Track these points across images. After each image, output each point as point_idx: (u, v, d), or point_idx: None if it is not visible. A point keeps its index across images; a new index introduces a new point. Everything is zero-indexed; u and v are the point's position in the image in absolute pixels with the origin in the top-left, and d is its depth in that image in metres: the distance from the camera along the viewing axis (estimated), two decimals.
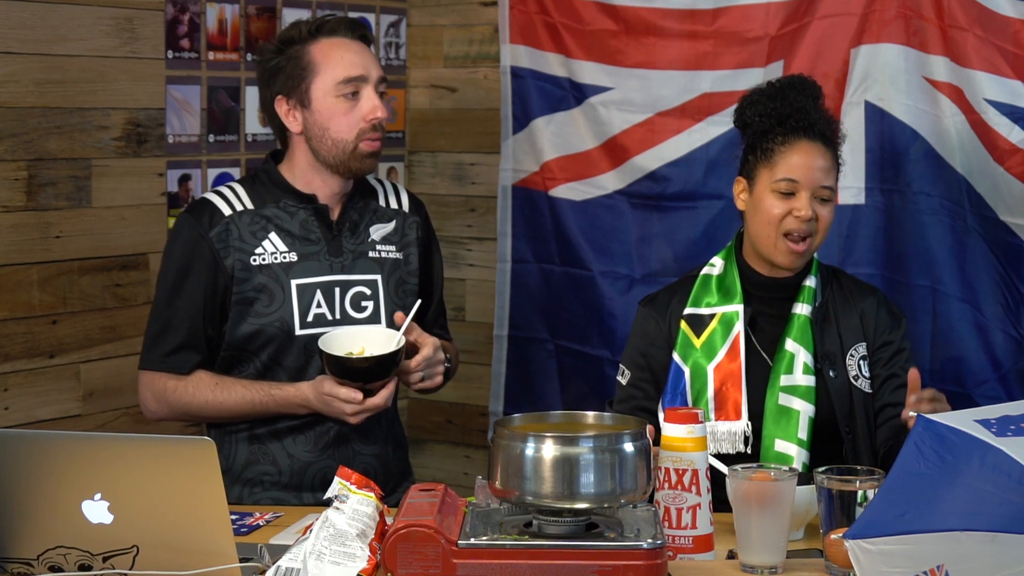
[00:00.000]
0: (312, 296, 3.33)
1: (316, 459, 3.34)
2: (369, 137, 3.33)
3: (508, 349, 4.72)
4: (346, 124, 3.32)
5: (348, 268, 3.38)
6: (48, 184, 3.90)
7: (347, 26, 3.38)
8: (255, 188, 3.40)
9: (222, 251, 3.31)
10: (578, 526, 2.42)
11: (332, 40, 3.34)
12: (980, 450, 2.19)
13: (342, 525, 2.37)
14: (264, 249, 3.33)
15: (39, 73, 3.86)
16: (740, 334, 3.25)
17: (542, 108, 4.58)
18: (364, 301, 3.38)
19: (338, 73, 3.31)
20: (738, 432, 3.20)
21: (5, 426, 3.77)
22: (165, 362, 3.33)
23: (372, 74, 3.33)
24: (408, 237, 3.48)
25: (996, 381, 3.84)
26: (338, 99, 3.31)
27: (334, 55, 3.32)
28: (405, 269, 3.45)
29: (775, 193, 3.20)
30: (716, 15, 4.25)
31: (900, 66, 3.94)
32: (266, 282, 3.31)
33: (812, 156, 3.20)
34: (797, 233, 3.18)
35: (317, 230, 3.37)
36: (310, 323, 3.32)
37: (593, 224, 4.52)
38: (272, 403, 3.28)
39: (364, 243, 3.42)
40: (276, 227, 3.35)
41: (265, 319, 3.31)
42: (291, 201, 3.37)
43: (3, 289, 3.82)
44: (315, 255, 3.36)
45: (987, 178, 3.77)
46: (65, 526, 2.35)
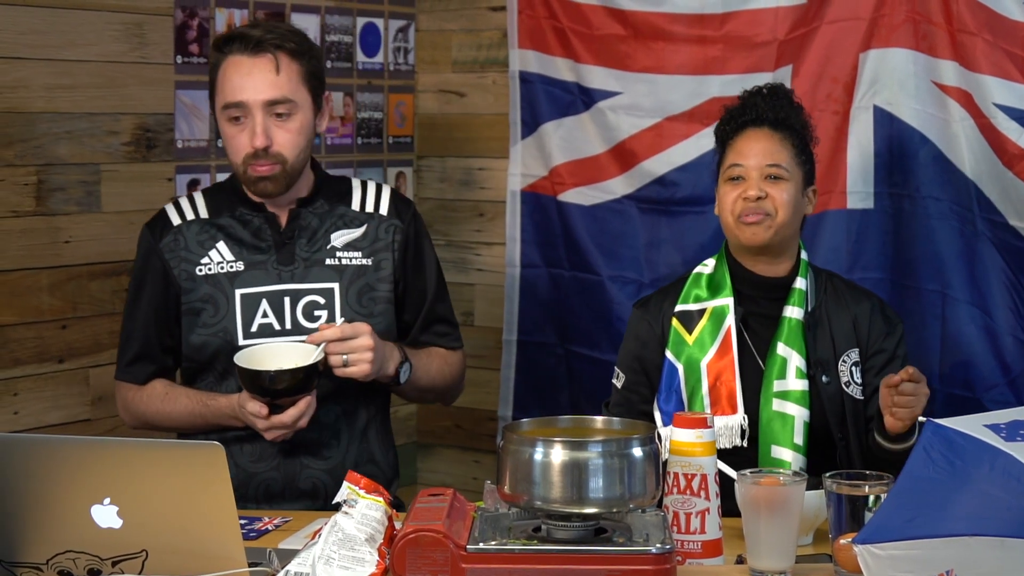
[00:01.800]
0: (257, 306, 3.27)
1: (260, 471, 3.27)
2: (253, 164, 3.23)
3: (517, 354, 4.72)
4: (233, 148, 3.26)
5: (300, 277, 3.29)
6: (58, 189, 3.91)
7: (251, 43, 3.23)
8: (216, 197, 3.38)
9: (171, 261, 3.30)
10: (587, 531, 2.42)
11: (235, 58, 3.24)
12: (989, 455, 2.19)
13: (351, 530, 2.37)
14: (210, 259, 3.29)
15: (48, 78, 3.87)
16: (731, 327, 3.27)
17: (551, 113, 4.58)
18: (317, 311, 3.29)
19: (224, 97, 3.24)
20: (734, 426, 3.22)
21: (15, 431, 3.78)
22: (126, 372, 3.37)
23: (257, 98, 3.20)
24: (381, 242, 3.37)
25: (1005, 385, 3.84)
26: (227, 123, 3.25)
27: (226, 76, 3.24)
28: (374, 276, 3.34)
29: (728, 182, 3.28)
30: (725, 20, 4.25)
31: (909, 70, 3.94)
32: (211, 292, 3.28)
33: (755, 140, 3.28)
34: (748, 213, 3.23)
35: (269, 238, 3.31)
36: (255, 333, 3.26)
37: (602, 229, 4.52)
38: (209, 413, 3.24)
39: (322, 250, 3.33)
40: (227, 236, 3.31)
41: (210, 330, 3.27)
42: (246, 209, 3.33)
43: (13, 294, 3.83)
44: (262, 264, 3.29)
45: (996, 182, 3.77)
46: (74, 531, 2.35)
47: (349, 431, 3.34)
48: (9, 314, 3.82)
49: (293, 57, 3.25)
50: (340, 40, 4.70)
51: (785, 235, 3.26)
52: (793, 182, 3.25)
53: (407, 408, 5.03)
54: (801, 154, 3.30)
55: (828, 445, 3.23)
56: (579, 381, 4.62)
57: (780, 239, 3.26)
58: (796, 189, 3.26)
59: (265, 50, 3.22)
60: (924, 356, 3.91)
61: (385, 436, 3.44)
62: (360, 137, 4.82)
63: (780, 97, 3.36)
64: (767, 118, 3.30)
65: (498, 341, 4.76)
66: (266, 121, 3.22)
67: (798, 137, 3.31)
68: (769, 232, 3.23)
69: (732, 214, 3.25)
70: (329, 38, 4.67)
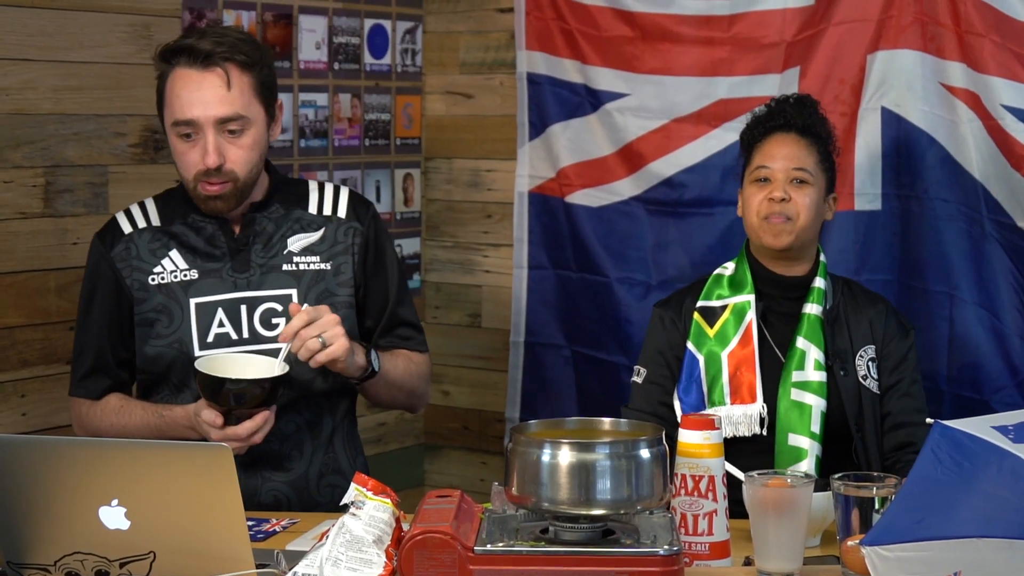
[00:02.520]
0: (212, 315, 3.16)
1: None
2: (205, 181, 3.12)
3: (524, 355, 4.72)
4: (184, 165, 3.14)
5: (256, 284, 3.19)
6: (65, 191, 3.91)
7: (199, 56, 3.10)
8: (168, 204, 3.27)
9: (123, 270, 3.20)
10: (594, 532, 2.41)
11: (183, 71, 3.11)
12: (997, 457, 2.19)
13: (359, 531, 2.37)
14: (163, 267, 3.19)
15: (56, 80, 3.88)
16: (752, 322, 3.33)
17: (558, 114, 4.58)
18: (275, 318, 3.18)
19: (172, 113, 3.11)
20: (754, 415, 3.27)
21: (23, 432, 3.78)
22: (80, 387, 3.27)
23: (208, 115, 3.08)
24: (340, 245, 3.26)
25: (1013, 387, 3.83)
26: (176, 139, 3.13)
27: (174, 91, 3.11)
28: (334, 280, 3.23)
29: (754, 184, 3.35)
30: (732, 21, 4.25)
31: (917, 72, 3.94)
32: (164, 302, 3.17)
33: (783, 144, 3.35)
34: (772, 214, 3.29)
35: (223, 245, 3.20)
36: (211, 343, 3.15)
37: (609, 230, 4.52)
38: (164, 425, 3.12)
39: (278, 256, 3.22)
40: (179, 244, 3.20)
41: (165, 340, 3.17)
42: (198, 216, 3.21)
43: (21, 295, 3.83)
44: (216, 272, 3.18)
45: (1004, 184, 3.77)
46: (82, 532, 2.36)
47: (313, 441, 3.24)
48: (17, 315, 3.83)
49: (244, 69, 3.12)
50: (348, 41, 4.71)
51: (805, 239, 3.33)
52: (816, 188, 3.32)
53: None
54: (824, 161, 3.37)
55: (845, 437, 3.28)
56: (586, 382, 4.62)
57: (800, 243, 3.32)
58: (819, 195, 3.33)
59: (215, 63, 3.10)
60: (932, 358, 3.91)
61: (352, 444, 3.34)
62: (368, 139, 4.82)
63: (808, 106, 3.42)
64: (795, 124, 3.37)
65: (505, 343, 4.76)
66: (218, 139, 3.10)
67: (823, 145, 3.38)
68: (791, 236, 3.30)
69: (757, 215, 3.31)
70: (337, 39, 4.67)
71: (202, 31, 3.21)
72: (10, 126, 3.78)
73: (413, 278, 5.00)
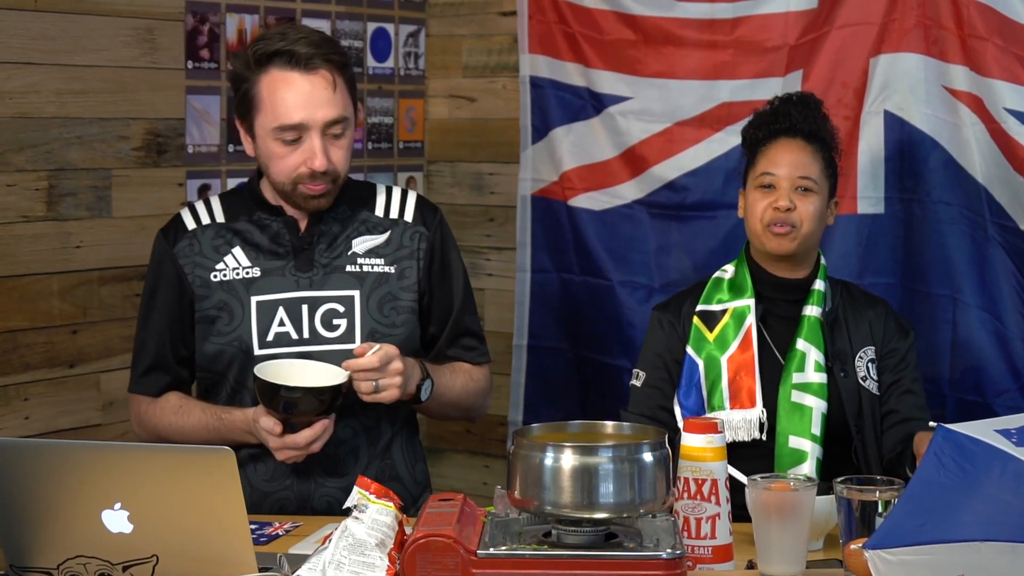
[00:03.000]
0: (273, 314, 3.12)
1: (274, 490, 3.13)
2: (308, 183, 3.09)
3: (527, 359, 4.72)
4: (283, 168, 3.09)
5: (318, 283, 3.15)
6: (68, 194, 3.91)
7: (305, 58, 3.06)
8: (233, 201, 3.24)
9: (186, 267, 3.16)
10: (597, 536, 2.42)
11: (282, 74, 3.05)
12: (1000, 460, 2.19)
13: (361, 535, 2.37)
14: (225, 264, 3.15)
15: (59, 84, 3.88)
16: (752, 326, 3.32)
17: (561, 118, 4.58)
18: (336, 319, 3.14)
19: (277, 117, 3.05)
20: (753, 419, 3.26)
21: (26, 435, 3.79)
22: (139, 384, 3.23)
23: (317, 118, 3.05)
24: (406, 250, 3.22)
25: (1016, 391, 3.83)
26: (275, 142, 3.07)
27: (277, 95, 3.05)
28: (397, 284, 3.18)
29: (758, 189, 3.33)
30: (735, 25, 4.25)
31: (919, 75, 3.94)
32: (226, 299, 3.14)
33: (789, 150, 3.33)
34: (776, 223, 3.28)
35: (288, 243, 3.17)
36: (271, 343, 3.12)
37: (612, 234, 4.52)
38: (223, 427, 3.09)
39: (342, 256, 3.18)
40: (243, 241, 3.17)
41: (225, 338, 3.13)
42: (264, 214, 3.19)
43: (24, 299, 3.84)
44: (279, 270, 3.15)
45: (1007, 188, 3.77)
46: (85, 536, 2.36)
47: (369, 448, 3.19)
48: (20, 319, 3.83)
49: (341, 71, 3.10)
50: (350, 45, 4.71)
51: (808, 246, 3.33)
52: (820, 195, 3.32)
53: None
54: (829, 167, 3.36)
55: (845, 439, 3.28)
56: (589, 386, 4.62)
57: (803, 249, 3.32)
58: (822, 202, 3.33)
59: (317, 66, 3.06)
60: (935, 361, 3.91)
61: (411, 451, 3.29)
62: (371, 142, 4.82)
63: (811, 107, 3.41)
64: (801, 129, 3.35)
65: (508, 346, 4.76)
66: (324, 142, 3.07)
67: (827, 150, 3.37)
68: (794, 243, 3.29)
69: (761, 222, 3.31)
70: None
71: (281, 32, 3.12)
72: (13, 129, 3.78)
73: None
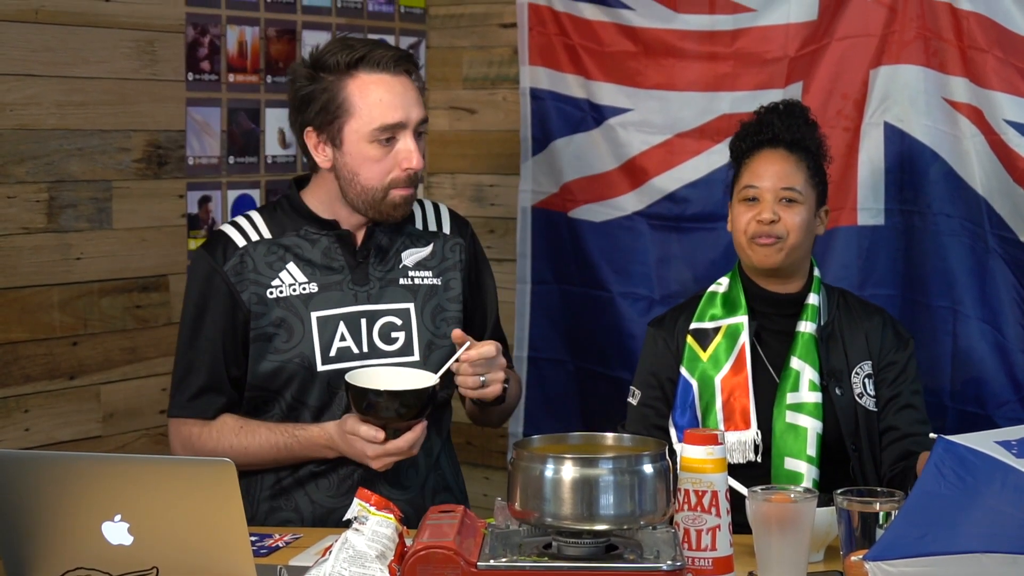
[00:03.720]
0: (335, 329, 3.12)
1: (339, 504, 3.10)
2: (402, 186, 3.12)
3: (528, 370, 4.72)
4: (378, 171, 3.10)
5: (375, 297, 3.16)
6: (69, 206, 3.91)
7: (392, 60, 3.11)
8: (274, 216, 3.21)
9: (238, 285, 3.12)
10: (598, 548, 2.42)
11: (372, 76, 3.09)
12: (1001, 472, 2.19)
13: (361, 546, 2.37)
14: (281, 280, 3.13)
15: (60, 95, 3.88)
16: (746, 344, 3.29)
17: (561, 129, 4.58)
18: (394, 332, 3.16)
19: (375, 118, 3.08)
20: (747, 441, 3.24)
21: (26, 447, 3.79)
22: (189, 407, 3.15)
23: (412, 117, 3.11)
24: (448, 261, 3.26)
25: (1017, 402, 3.83)
26: (372, 144, 3.08)
27: (372, 96, 3.08)
28: (444, 296, 3.22)
29: (743, 202, 3.31)
30: (735, 36, 4.25)
31: (919, 87, 3.94)
32: (284, 316, 3.11)
33: (771, 162, 3.30)
34: (761, 235, 3.26)
35: (340, 258, 3.16)
36: (333, 358, 3.11)
37: (613, 245, 4.52)
38: (297, 445, 3.07)
39: (395, 270, 3.20)
40: (295, 256, 3.15)
41: (285, 355, 3.11)
42: (312, 228, 3.18)
43: (24, 310, 3.84)
44: (337, 285, 3.15)
45: (1007, 199, 3.77)
46: (85, 547, 2.36)
47: (426, 459, 3.21)
48: (20, 331, 3.83)
49: (415, 73, 3.19)
50: None
51: (796, 257, 3.30)
52: (806, 205, 3.29)
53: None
54: (815, 176, 3.33)
55: (842, 457, 3.25)
56: (590, 398, 4.62)
57: (791, 261, 3.29)
58: (809, 212, 3.30)
59: (402, 67, 3.12)
60: (935, 373, 3.90)
61: (453, 461, 3.35)
62: None
63: (796, 116, 3.38)
64: (783, 139, 3.32)
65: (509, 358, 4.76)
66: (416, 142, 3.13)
67: (813, 158, 3.34)
68: (780, 255, 3.26)
69: (745, 235, 3.28)
70: None
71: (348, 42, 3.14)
72: (14, 141, 3.78)
73: None
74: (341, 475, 3.12)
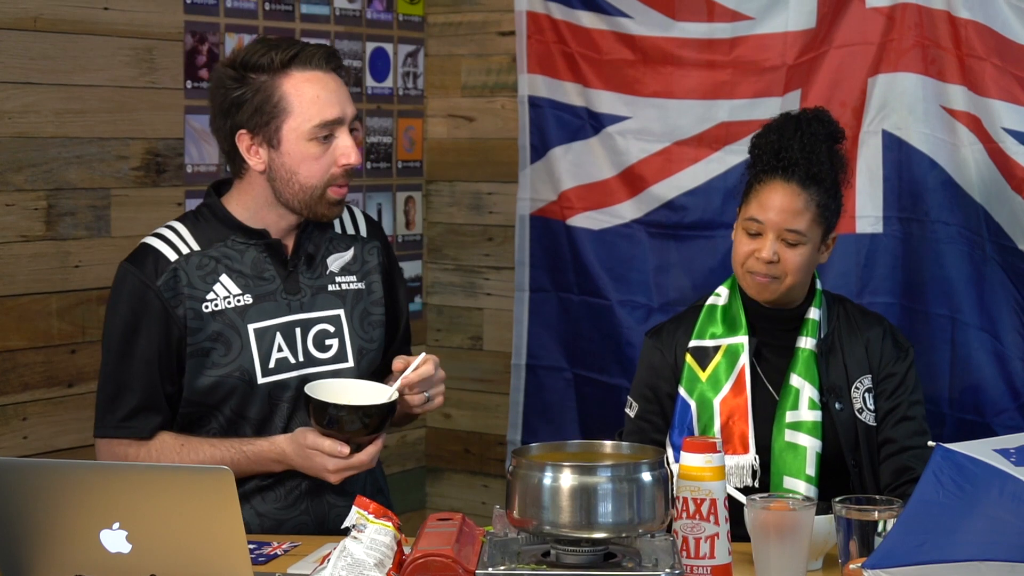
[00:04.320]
0: (272, 340, 3.06)
1: (289, 516, 3.08)
2: (339, 183, 3.06)
3: (526, 378, 4.72)
4: (317, 169, 3.04)
5: (308, 305, 3.11)
6: (67, 214, 3.91)
7: (323, 57, 3.06)
8: (198, 226, 3.11)
9: (172, 300, 3.02)
10: (596, 556, 2.41)
11: (306, 74, 3.03)
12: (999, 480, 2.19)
13: (360, 554, 2.37)
14: (216, 294, 3.05)
15: (59, 103, 3.88)
16: (745, 366, 3.24)
17: (560, 137, 4.59)
18: (328, 339, 3.12)
19: (313, 116, 3.02)
20: (745, 466, 3.19)
21: (24, 455, 3.78)
22: (124, 427, 3.06)
23: (348, 113, 3.06)
24: (369, 264, 3.22)
25: (1015, 410, 3.83)
26: (311, 142, 3.02)
27: (308, 94, 3.02)
28: (368, 299, 3.19)
29: (744, 232, 3.21)
30: (733, 44, 4.25)
31: (918, 95, 3.94)
32: (221, 329, 3.03)
33: (781, 197, 3.16)
34: (758, 273, 3.18)
35: (271, 267, 3.10)
36: (272, 369, 3.06)
37: (611, 253, 4.52)
38: (244, 460, 3.00)
39: (323, 276, 3.15)
40: (227, 268, 3.07)
41: (224, 369, 3.03)
42: (239, 238, 3.09)
43: (22, 318, 3.84)
44: (271, 295, 3.08)
45: (1005, 207, 3.77)
46: (83, 555, 2.35)
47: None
48: (18, 338, 3.83)
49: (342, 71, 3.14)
50: (349, 65, 4.71)
51: (794, 294, 3.23)
52: (810, 244, 3.18)
53: (415, 433, 5.03)
54: (825, 211, 3.20)
55: (842, 473, 3.22)
56: (588, 405, 4.62)
57: (789, 297, 3.23)
58: (812, 249, 3.19)
59: (332, 64, 3.08)
60: (934, 381, 3.90)
61: (380, 465, 3.31)
62: (369, 162, 4.82)
63: (818, 138, 3.22)
64: (798, 172, 3.17)
65: (507, 365, 4.76)
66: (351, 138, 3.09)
67: (825, 193, 3.19)
68: (775, 294, 3.20)
69: (743, 266, 3.20)
70: None
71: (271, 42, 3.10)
72: (12, 149, 3.79)
73: (415, 301, 5.01)
74: (288, 487, 3.08)
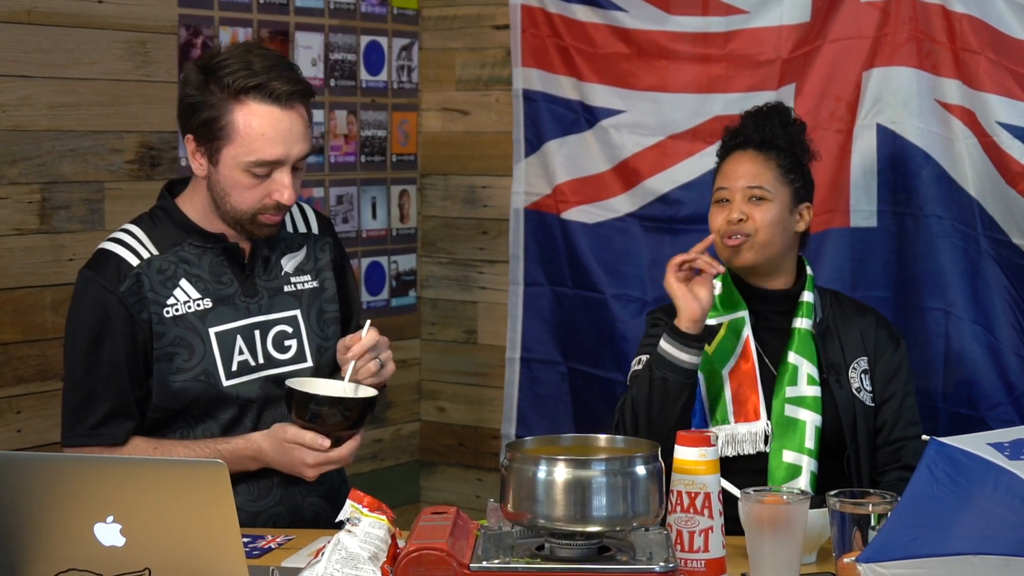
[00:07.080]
0: (233, 343, 3.07)
1: (264, 508, 3.09)
2: (271, 213, 3.03)
3: (520, 372, 4.72)
4: (249, 198, 3.01)
5: (265, 308, 3.11)
6: (61, 207, 3.91)
7: (285, 95, 2.99)
8: (154, 230, 3.10)
9: (136, 306, 3.01)
10: (590, 549, 2.41)
11: (261, 107, 2.97)
12: (993, 473, 2.19)
13: (354, 548, 2.37)
14: (176, 298, 3.04)
15: (53, 96, 3.88)
16: (750, 337, 3.31)
17: (554, 131, 4.59)
18: (287, 340, 3.13)
19: (253, 151, 2.97)
20: (758, 432, 3.25)
21: (18, 448, 3.78)
22: (95, 435, 3.04)
23: (292, 154, 2.99)
24: (321, 261, 3.22)
25: (1009, 404, 3.84)
26: (245, 174, 2.98)
27: (255, 128, 2.97)
28: (323, 298, 3.20)
29: (715, 204, 3.35)
30: (728, 38, 4.25)
31: (912, 89, 3.94)
32: (183, 334, 3.03)
33: (739, 163, 3.33)
34: (730, 235, 3.28)
35: (228, 271, 3.10)
36: (235, 372, 3.06)
37: (605, 247, 4.52)
38: (221, 459, 2.88)
39: (278, 277, 3.15)
40: (185, 272, 3.06)
41: (188, 374, 3.03)
42: (196, 241, 3.09)
43: (16, 312, 3.83)
44: (230, 298, 3.08)
45: (999, 201, 3.77)
46: (77, 549, 2.35)
47: None
48: (12, 332, 3.83)
49: (308, 103, 3.07)
50: (344, 58, 4.71)
51: (771, 254, 3.30)
52: (777, 202, 3.29)
53: (410, 426, 5.03)
54: (788, 173, 3.32)
55: (839, 451, 3.27)
56: (582, 399, 4.62)
57: (766, 258, 3.29)
58: (781, 208, 3.29)
59: (295, 102, 3.01)
60: (928, 375, 3.91)
61: None
62: (364, 155, 4.82)
63: (772, 118, 3.38)
64: (752, 140, 3.34)
65: (501, 359, 4.76)
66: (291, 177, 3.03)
67: (785, 156, 3.33)
68: (750, 252, 3.28)
69: (719, 234, 3.30)
70: (333, 56, 4.68)
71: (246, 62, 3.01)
72: (6, 142, 3.78)
73: (409, 294, 5.01)
74: (261, 480, 3.08)
